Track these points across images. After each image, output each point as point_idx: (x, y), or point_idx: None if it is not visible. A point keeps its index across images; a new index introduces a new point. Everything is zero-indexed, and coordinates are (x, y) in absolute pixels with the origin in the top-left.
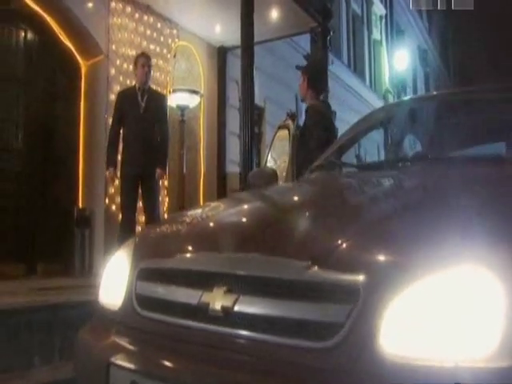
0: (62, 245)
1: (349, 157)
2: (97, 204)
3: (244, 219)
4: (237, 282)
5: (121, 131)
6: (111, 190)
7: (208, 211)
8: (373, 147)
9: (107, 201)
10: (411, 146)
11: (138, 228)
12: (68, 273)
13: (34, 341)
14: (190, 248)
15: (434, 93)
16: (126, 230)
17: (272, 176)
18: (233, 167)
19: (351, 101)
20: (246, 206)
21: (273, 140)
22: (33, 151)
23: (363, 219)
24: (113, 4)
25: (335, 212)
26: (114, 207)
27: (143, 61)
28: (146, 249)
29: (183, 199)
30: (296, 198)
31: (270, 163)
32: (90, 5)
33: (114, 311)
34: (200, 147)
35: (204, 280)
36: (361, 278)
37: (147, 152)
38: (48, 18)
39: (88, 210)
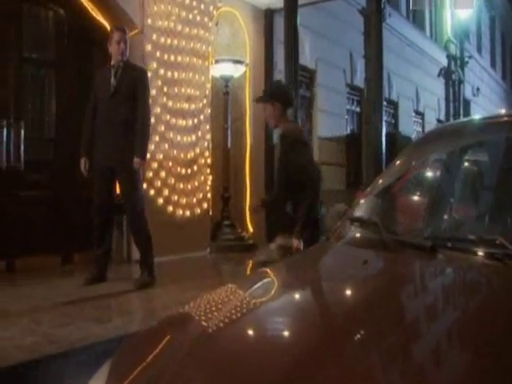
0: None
1: None
2: None
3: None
4: None
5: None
6: (149, 174)
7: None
8: None
9: (145, 185)
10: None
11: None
12: None
13: None
14: None
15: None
16: (100, 234)
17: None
18: None
19: (410, 55)
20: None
21: None
22: (66, 138)
23: None
24: None
25: None
26: (152, 192)
27: (118, 36)
28: None
29: (228, 175)
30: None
31: None
32: None
33: None
34: (246, 118)
35: None
36: None
37: (119, 139)
38: None
39: None
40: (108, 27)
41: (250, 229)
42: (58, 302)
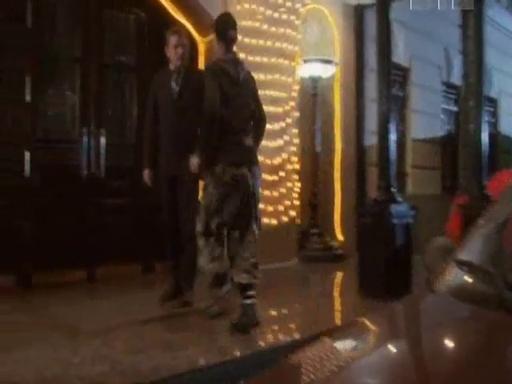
0: None
1: None
2: None
3: None
4: None
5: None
6: None
7: None
8: None
9: None
10: None
11: None
12: None
13: None
14: None
15: None
16: (171, 245)
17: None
18: (374, 139)
19: None
20: None
21: None
22: None
23: None
24: None
25: None
26: None
27: (175, 40)
28: None
29: (316, 181)
30: None
31: None
32: None
33: None
34: (335, 121)
35: None
36: None
37: (185, 146)
38: None
39: None
40: (190, 29)
41: (340, 237)
42: (135, 321)
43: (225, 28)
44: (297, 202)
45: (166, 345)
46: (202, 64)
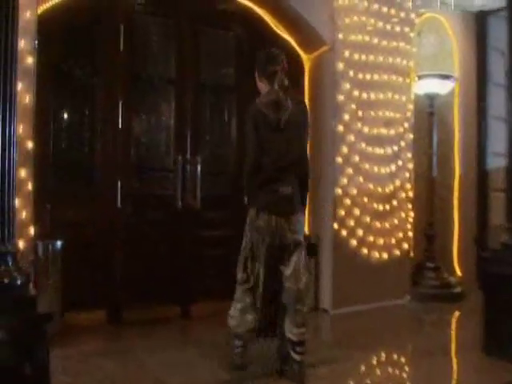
0: None
1: None
2: (324, 229)
3: None
4: None
5: None
6: (341, 212)
7: None
8: None
9: (336, 225)
10: None
11: None
12: None
13: None
14: None
15: None
16: None
17: None
18: (498, 161)
19: None
20: None
21: None
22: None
23: None
24: None
25: None
26: (344, 232)
27: None
28: None
29: (432, 209)
30: None
31: None
32: None
33: None
34: (454, 142)
35: None
36: None
37: None
38: (260, 12)
39: (314, 237)
40: (294, 45)
41: (459, 272)
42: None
43: (264, 62)
44: (410, 234)
45: None
46: (307, 82)
